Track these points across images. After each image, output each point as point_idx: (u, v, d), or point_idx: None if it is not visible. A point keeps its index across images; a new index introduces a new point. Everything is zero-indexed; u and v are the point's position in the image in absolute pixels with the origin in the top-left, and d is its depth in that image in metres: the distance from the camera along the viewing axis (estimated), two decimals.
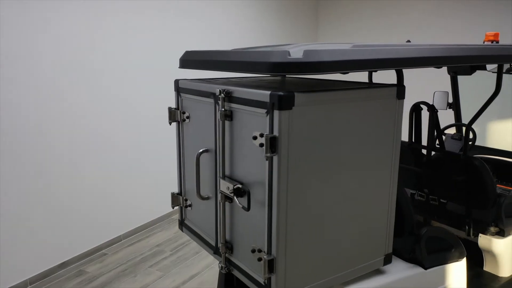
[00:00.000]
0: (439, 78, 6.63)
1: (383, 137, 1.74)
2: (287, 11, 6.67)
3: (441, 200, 2.71)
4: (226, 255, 1.86)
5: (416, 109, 2.70)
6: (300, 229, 1.57)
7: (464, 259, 2.25)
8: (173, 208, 2.21)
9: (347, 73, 1.57)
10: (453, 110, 3.60)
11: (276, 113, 1.43)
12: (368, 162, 1.72)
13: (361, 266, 1.82)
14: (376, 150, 1.73)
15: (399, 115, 1.76)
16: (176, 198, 2.20)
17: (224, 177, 1.78)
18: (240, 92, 1.61)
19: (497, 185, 3.34)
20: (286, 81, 2.05)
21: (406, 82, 6.90)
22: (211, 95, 1.79)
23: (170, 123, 2.11)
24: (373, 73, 7.28)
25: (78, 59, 3.47)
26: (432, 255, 2.09)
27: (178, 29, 4.46)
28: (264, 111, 1.48)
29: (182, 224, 2.26)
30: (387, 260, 1.91)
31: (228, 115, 1.69)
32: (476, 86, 3.63)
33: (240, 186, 1.64)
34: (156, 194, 4.32)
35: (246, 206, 1.64)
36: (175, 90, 2.12)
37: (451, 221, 2.73)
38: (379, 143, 1.74)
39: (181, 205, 2.20)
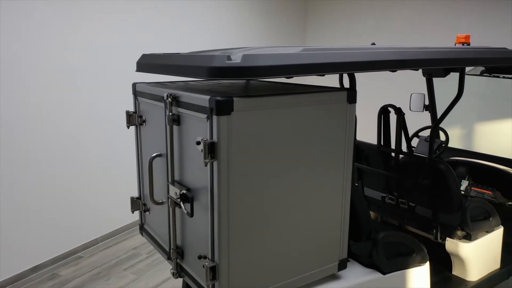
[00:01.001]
0: (422, 80, 6.60)
1: (334, 142, 1.72)
2: (275, 12, 6.65)
3: (410, 204, 2.69)
4: (177, 260, 1.84)
5: (384, 112, 2.68)
6: (244, 235, 1.55)
7: (427, 264, 2.23)
8: (132, 213, 2.19)
9: (291, 77, 1.55)
10: (429, 112, 3.58)
11: (214, 118, 1.41)
12: (319, 167, 1.70)
13: (314, 272, 1.80)
14: (327, 155, 1.71)
15: (350, 119, 1.74)
16: (135, 203, 2.17)
17: (173, 182, 1.76)
18: (185, 96, 1.60)
19: (472, 188, 3.33)
20: (249, 85, 2.03)
21: (383, 84, 6.88)
22: (162, 99, 1.77)
23: (128, 127, 2.09)
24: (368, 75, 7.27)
25: (48, 59, 3.45)
26: (391, 260, 2.08)
27: (159, 30, 4.44)
28: (205, 116, 1.46)
29: (142, 228, 2.24)
30: (342, 266, 1.89)
31: (176, 120, 1.67)
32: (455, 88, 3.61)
33: (185, 191, 1.62)
34: None
35: (190, 212, 1.62)
36: (133, 94, 2.10)
37: (420, 224, 2.72)
38: (330, 147, 1.72)
39: (141, 210, 2.18)
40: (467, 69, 3.52)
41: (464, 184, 3.37)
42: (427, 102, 3.82)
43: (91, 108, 3.80)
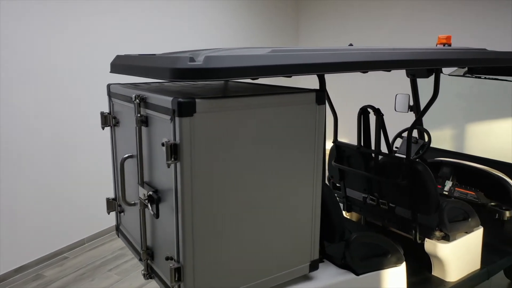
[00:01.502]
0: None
1: (303, 143, 1.72)
2: (267, 12, 6.66)
3: (390, 205, 2.69)
4: (148, 262, 1.84)
5: (363, 113, 2.68)
6: (210, 236, 1.55)
7: (403, 265, 2.23)
8: (108, 214, 2.19)
9: (256, 78, 1.55)
10: (414, 113, 3.59)
11: (177, 119, 1.41)
12: (287, 169, 1.70)
13: (285, 273, 1.80)
14: (296, 157, 1.71)
15: (320, 120, 1.74)
16: (111, 204, 2.18)
17: (142, 183, 1.76)
18: (152, 98, 1.60)
19: (456, 189, 3.33)
20: (228, 86, 2.03)
21: (369, 84, 6.88)
22: (132, 100, 1.77)
23: (103, 128, 2.10)
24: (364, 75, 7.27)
25: (18, 60, 3.45)
26: (365, 261, 2.08)
27: (150, 31, 4.44)
28: (169, 117, 1.46)
29: (117, 229, 2.24)
30: (314, 267, 1.89)
31: (144, 121, 1.67)
32: (447, 89, 3.61)
33: (151, 193, 1.63)
34: None
35: (155, 213, 1.62)
36: (107, 95, 2.10)
37: (400, 225, 2.72)
38: (299, 149, 1.72)
39: (116, 211, 2.18)
40: (451, 70, 3.52)
41: (448, 184, 3.38)
42: (412, 103, 3.83)
43: (77, 109, 3.80)
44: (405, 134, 6.23)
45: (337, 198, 3.14)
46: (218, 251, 1.58)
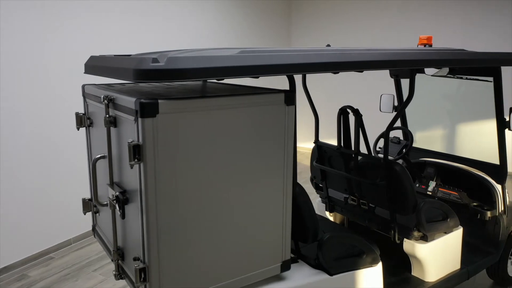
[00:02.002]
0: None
1: (273, 144, 1.73)
2: (259, 12, 6.66)
3: (370, 205, 2.70)
4: (119, 262, 1.84)
5: (343, 114, 2.69)
6: (176, 237, 1.55)
7: (379, 265, 2.23)
8: (84, 214, 2.19)
9: (222, 79, 1.56)
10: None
11: (139, 120, 1.41)
12: (256, 169, 1.70)
13: (255, 273, 1.81)
14: (265, 158, 1.72)
15: (289, 121, 1.75)
16: (86, 204, 2.18)
17: (112, 184, 1.76)
18: (119, 99, 1.60)
19: (440, 189, 3.34)
20: (205, 87, 2.03)
21: (355, 84, 6.89)
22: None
23: (78, 128, 2.10)
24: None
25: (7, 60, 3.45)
26: (339, 261, 2.08)
27: (141, 31, 4.44)
28: (133, 118, 1.47)
29: (93, 230, 2.25)
30: (285, 267, 1.89)
31: (112, 122, 1.68)
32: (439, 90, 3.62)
33: (118, 193, 1.63)
34: None
35: (121, 214, 1.62)
36: (82, 95, 2.11)
37: (379, 225, 2.72)
38: (268, 150, 1.72)
39: (92, 211, 2.19)
40: (434, 70, 3.52)
41: (432, 185, 3.39)
42: (396, 103, 3.83)
43: (62, 109, 3.80)
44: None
45: (321, 198, 3.16)
46: (185, 251, 1.58)
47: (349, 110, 2.66)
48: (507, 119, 2.84)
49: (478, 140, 3.24)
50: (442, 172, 3.37)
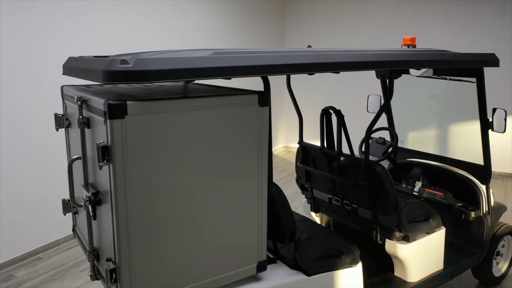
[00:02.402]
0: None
1: (247, 145, 1.73)
2: (252, 12, 6.67)
3: (353, 205, 2.70)
4: (94, 263, 1.85)
5: (326, 114, 2.69)
6: (147, 238, 1.56)
7: (359, 265, 2.24)
8: (64, 215, 2.20)
9: (192, 81, 1.56)
10: (385, 113, 3.60)
11: (108, 121, 1.42)
12: (229, 171, 1.71)
13: (230, 274, 1.81)
14: (239, 158, 1.72)
15: (263, 122, 1.75)
16: (66, 205, 2.18)
17: (86, 185, 1.77)
18: (91, 100, 1.61)
19: (425, 189, 3.35)
20: (186, 87, 2.04)
21: (343, 85, 6.91)
22: None
23: (57, 129, 2.10)
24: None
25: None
26: (317, 262, 2.09)
27: (134, 33, 4.45)
28: (103, 119, 1.47)
29: (74, 230, 2.25)
30: (261, 268, 1.90)
31: (86, 123, 1.68)
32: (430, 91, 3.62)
33: (90, 194, 1.63)
34: None
35: (93, 214, 1.63)
36: (61, 96, 2.11)
37: (362, 226, 2.73)
38: (242, 150, 1.73)
39: (72, 212, 2.19)
40: (420, 71, 3.52)
41: (418, 185, 3.39)
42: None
43: (51, 109, 3.80)
44: (374, 135, 6.26)
45: (306, 199, 3.17)
46: (156, 252, 1.59)
47: (331, 111, 2.66)
48: (490, 119, 2.85)
49: (465, 140, 3.25)
50: (428, 173, 3.38)
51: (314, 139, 7.58)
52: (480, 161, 3.04)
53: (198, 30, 5.58)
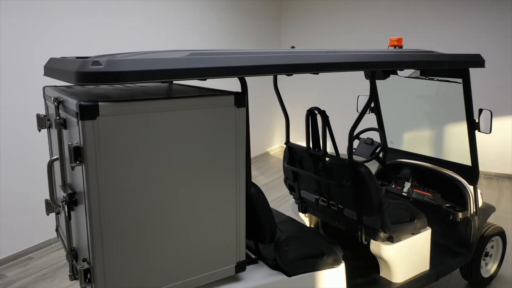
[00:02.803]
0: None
1: (223, 145, 1.74)
2: (248, 12, 6.67)
3: (339, 206, 2.71)
4: (73, 262, 1.86)
5: (311, 115, 2.69)
6: (122, 238, 1.56)
7: (341, 266, 2.24)
8: (47, 215, 2.21)
9: (165, 82, 1.57)
10: (374, 114, 3.60)
11: (80, 122, 1.43)
12: (207, 170, 1.71)
13: (208, 274, 1.82)
14: (215, 158, 1.73)
15: (240, 123, 1.76)
16: (49, 205, 2.19)
17: (64, 185, 1.78)
18: (66, 101, 1.61)
19: (414, 190, 3.34)
20: (168, 88, 2.04)
21: (333, 85, 6.91)
22: None
23: (39, 130, 2.11)
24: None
25: None
26: (298, 262, 2.09)
27: (130, 33, 4.46)
28: (76, 120, 1.48)
29: (57, 230, 2.26)
30: (240, 268, 1.90)
31: (62, 124, 1.69)
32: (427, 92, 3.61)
33: (65, 194, 1.64)
34: None
35: (67, 215, 1.64)
36: (43, 97, 2.12)
37: (348, 226, 2.73)
38: (219, 151, 1.73)
39: (55, 212, 2.20)
40: (408, 72, 3.52)
41: (407, 186, 3.39)
42: (372, 104, 3.83)
43: (40, 109, 3.82)
44: (362, 136, 6.25)
45: (294, 199, 3.17)
46: (131, 252, 1.59)
47: (316, 112, 2.67)
48: (477, 120, 2.85)
49: (455, 141, 3.25)
50: (417, 174, 3.38)
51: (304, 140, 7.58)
52: (469, 162, 3.03)
53: (193, 30, 5.58)
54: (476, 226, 2.99)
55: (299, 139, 7.68)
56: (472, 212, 3.01)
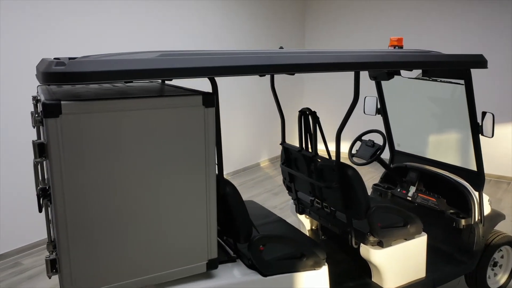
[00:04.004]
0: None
1: (192, 145, 1.76)
2: (272, 14, 6.69)
3: (332, 208, 2.68)
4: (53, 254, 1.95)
5: (303, 115, 2.68)
6: (87, 231, 1.62)
7: (323, 269, 2.22)
8: (40, 212, 2.32)
9: (129, 82, 1.62)
10: (381, 115, 3.53)
11: (44, 120, 1.50)
12: (174, 169, 1.75)
13: (178, 270, 1.86)
14: (184, 157, 1.76)
15: (209, 123, 1.78)
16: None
17: (43, 179, 1.87)
18: (41, 100, 1.70)
19: (419, 194, 3.25)
20: (155, 88, 2.11)
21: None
22: None
23: (34, 127, 2.23)
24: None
25: None
26: (275, 262, 2.09)
27: (156, 32, 4.61)
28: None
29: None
30: (212, 266, 1.92)
31: (40, 121, 1.78)
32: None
33: (40, 187, 1.73)
34: None
35: (38, 207, 1.73)
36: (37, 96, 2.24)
37: (340, 229, 2.70)
38: (188, 151, 1.76)
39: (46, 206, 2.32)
40: (410, 73, 3.40)
41: (412, 190, 3.30)
42: (379, 105, 3.74)
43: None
44: (364, 138, 6.10)
45: (292, 200, 3.16)
46: (98, 245, 1.65)
47: (308, 112, 2.65)
48: (480, 123, 2.73)
49: (462, 144, 3.13)
50: (424, 178, 3.28)
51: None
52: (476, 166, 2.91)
53: (210, 31, 5.66)
54: (480, 234, 2.87)
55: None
56: (476, 219, 2.88)
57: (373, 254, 2.47)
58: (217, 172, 1.91)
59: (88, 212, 1.62)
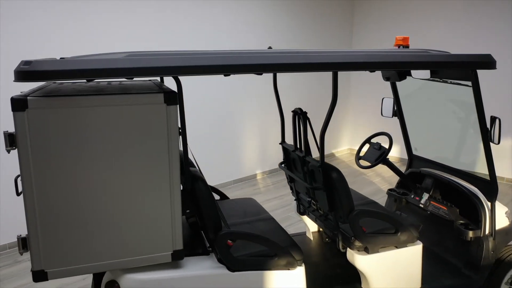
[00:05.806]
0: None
1: (155, 141, 1.86)
2: (320, 13, 6.66)
3: (320, 210, 2.64)
4: None
5: (297, 115, 2.67)
6: (53, 216, 1.79)
7: (298, 269, 2.22)
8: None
9: (92, 80, 1.75)
10: (397, 118, 3.39)
11: (13, 113, 1.69)
12: (137, 163, 1.86)
13: (143, 258, 1.97)
14: (146, 152, 1.86)
15: (171, 120, 1.86)
16: None
17: None
18: None
19: (431, 202, 3.08)
20: (154, 85, 2.26)
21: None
22: None
23: None
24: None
25: None
26: (244, 259, 2.13)
27: (175, 30, 4.84)
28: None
29: None
30: (177, 256, 2.01)
31: None
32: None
33: (18, 174, 1.94)
34: None
35: (16, 190, 1.93)
36: None
37: (331, 231, 2.66)
38: (150, 146, 1.86)
39: None
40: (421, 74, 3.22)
41: (425, 197, 3.14)
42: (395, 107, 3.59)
43: None
44: (373, 140, 5.79)
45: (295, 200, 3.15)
46: (64, 227, 1.82)
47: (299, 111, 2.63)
48: (490, 128, 2.53)
49: (480, 151, 2.93)
50: (439, 185, 3.10)
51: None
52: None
53: (264, 31, 5.76)
54: (489, 248, 2.66)
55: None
56: (486, 232, 2.68)
57: (358, 260, 2.40)
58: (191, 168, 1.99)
59: (55, 198, 1.79)
